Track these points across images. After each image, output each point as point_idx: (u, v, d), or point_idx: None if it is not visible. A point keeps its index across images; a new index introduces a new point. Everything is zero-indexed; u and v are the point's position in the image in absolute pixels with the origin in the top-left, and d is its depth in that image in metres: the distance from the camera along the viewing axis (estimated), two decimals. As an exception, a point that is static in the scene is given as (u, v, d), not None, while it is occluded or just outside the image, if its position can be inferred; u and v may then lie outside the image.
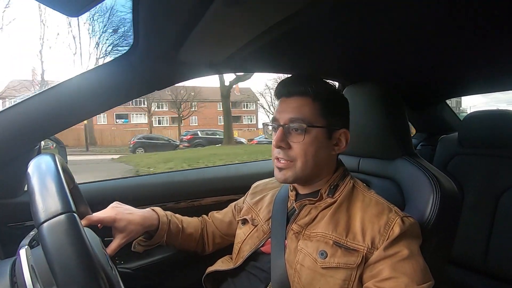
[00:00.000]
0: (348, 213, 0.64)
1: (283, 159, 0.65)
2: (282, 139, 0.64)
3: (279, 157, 0.66)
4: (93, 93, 0.75)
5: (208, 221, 0.89)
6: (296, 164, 0.64)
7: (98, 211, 0.70)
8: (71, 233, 0.37)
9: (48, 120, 0.73)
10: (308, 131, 0.63)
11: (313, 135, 0.64)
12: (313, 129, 0.64)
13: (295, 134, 0.64)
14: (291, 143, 0.64)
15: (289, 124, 0.64)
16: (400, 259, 0.56)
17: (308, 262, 0.61)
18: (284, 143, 0.64)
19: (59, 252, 0.35)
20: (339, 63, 1.00)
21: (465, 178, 1.27)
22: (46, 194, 0.40)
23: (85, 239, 0.38)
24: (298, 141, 0.63)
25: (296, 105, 0.65)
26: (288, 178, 0.66)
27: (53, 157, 0.49)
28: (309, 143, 0.63)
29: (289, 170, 0.65)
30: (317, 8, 0.57)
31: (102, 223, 0.68)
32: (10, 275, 0.43)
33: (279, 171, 0.67)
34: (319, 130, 0.64)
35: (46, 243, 0.36)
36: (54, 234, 0.36)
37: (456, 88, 1.43)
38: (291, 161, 0.65)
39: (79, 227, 0.38)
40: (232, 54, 0.74)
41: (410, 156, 0.78)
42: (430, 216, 0.67)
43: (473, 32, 0.70)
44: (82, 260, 0.36)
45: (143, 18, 0.59)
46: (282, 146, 0.64)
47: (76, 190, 0.62)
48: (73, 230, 0.37)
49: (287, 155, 0.65)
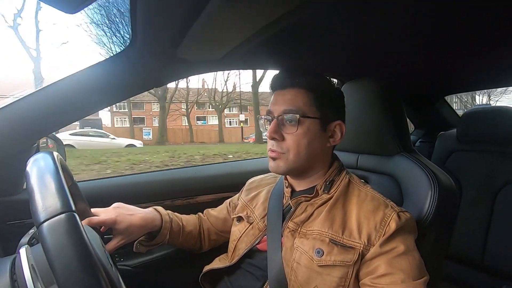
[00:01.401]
0: (344, 209, 0.64)
1: (276, 150, 0.66)
2: (275, 130, 0.65)
3: (273, 149, 0.66)
4: (91, 90, 0.74)
5: (203, 218, 0.89)
6: (289, 155, 0.65)
7: (99, 209, 0.70)
8: (71, 232, 0.37)
9: (47, 118, 0.73)
10: (301, 122, 0.63)
11: (307, 126, 0.64)
12: (306, 120, 0.64)
13: (288, 125, 0.64)
14: (285, 135, 0.65)
15: (283, 116, 0.64)
16: (396, 255, 0.56)
17: (305, 260, 0.61)
18: (277, 135, 0.65)
19: (59, 252, 0.35)
20: (338, 60, 1.00)
21: (463, 174, 1.28)
22: (46, 193, 0.40)
23: (85, 238, 0.38)
24: (291, 132, 0.64)
25: (289, 96, 0.65)
26: (281, 167, 0.66)
27: (52, 154, 0.49)
28: (303, 134, 0.64)
29: (281, 160, 0.66)
30: (315, 5, 0.56)
31: (103, 225, 0.69)
32: (10, 273, 0.43)
33: (272, 161, 0.67)
34: (313, 121, 0.64)
35: (46, 243, 0.36)
36: (54, 234, 0.36)
37: (454, 84, 1.43)
38: (284, 153, 0.65)
39: (79, 227, 0.38)
40: (231, 51, 0.73)
41: (408, 152, 0.78)
42: (428, 212, 0.67)
43: (472, 28, 0.70)
44: (82, 259, 0.36)
45: (141, 15, 0.58)
46: (275, 138, 0.65)
47: (74, 187, 0.62)
48: (73, 230, 0.37)
49: (280, 147, 0.65)
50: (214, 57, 0.78)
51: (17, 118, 0.70)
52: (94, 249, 0.38)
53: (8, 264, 0.45)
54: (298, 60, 0.97)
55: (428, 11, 0.63)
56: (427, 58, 0.95)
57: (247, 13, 0.55)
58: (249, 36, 0.65)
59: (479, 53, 0.89)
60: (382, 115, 0.78)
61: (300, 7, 0.55)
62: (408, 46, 0.83)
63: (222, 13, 0.54)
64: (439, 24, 0.69)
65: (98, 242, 0.56)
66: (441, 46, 0.82)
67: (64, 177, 0.45)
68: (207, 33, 0.63)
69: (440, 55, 0.92)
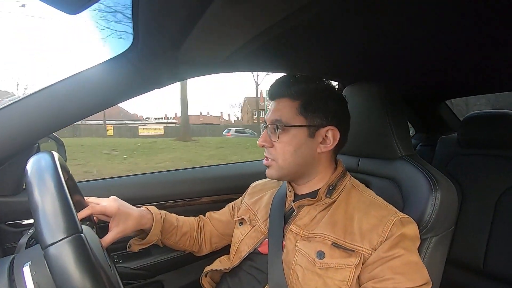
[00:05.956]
0: (346, 214, 0.64)
1: (267, 157, 0.69)
2: (265, 139, 0.69)
3: (265, 155, 0.70)
4: (92, 91, 0.74)
5: (205, 220, 0.89)
6: (278, 162, 0.68)
7: (100, 198, 0.72)
8: (79, 256, 0.36)
9: (47, 118, 0.73)
10: (286, 130, 0.66)
11: (292, 134, 0.66)
12: (291, 128, 0.66)
13: (275, 134, 0.67)
14: (274, 143, 0.67)
15: (271, 125, 0.68)
16: (398, 260, 0.56)
17: (306, 263, 0.61)
18: (267, 143, 0.68)
19: (67, 276, 0.35)
20: (339, 63, 1.00)
21: (465, 178, 1.27)
22: (51, 212, 0.38)
23: (93, 261, 0.37)
24: (278, 140, 0.66)
25: (278, 106, 0.68)
26: (273, 174, 0.69)
27: (52, 155, 0.49)
28: (287, 142, 0.66)
29: (272, 168, 0.69)
30: (318, 7, 0.56)
31: (105, 213, 0.69)
32: (8, 274, 0.43)
33: (267, 169, 0.70)
34: (298, 129, 0.66)
35: (53, 267, 0.35)
36: (61, 258, 0.35)
37: (456, 88, 1.43)
38: (273, 159, 0.68)
39: (87, 249, 0.37)
40: (232, 53, 0.74)
41: (409, 156, 0.78)
42: (429, 217, 0.67)
43: (474, 32, 0.70)
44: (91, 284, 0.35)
45: (143, 16, 0.58)
46: (265, 145, 0.69)
47: (71, 181, 0.61)
48: (80, 253, 0.36)
49: (270, 154, 0.69)
50: (216, 58, 0.78)
51: (17, 119, 0.70)
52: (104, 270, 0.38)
53: (7, 265, 0.45)
54: (299, 63, 0.97)
55: (430, 14, 0.63)
56: (428, 61, 0.95)
57: (249, 14, 0.55)
58: (251, 38, 0.65)
59: (481, 57, 0.89)
60: (383, 118, 0.78)
61: (303, 9, 0.55)
62: (410, 49, 0.83)
63: (225, 14, 0.54)
64: (441, 28, 0.69)
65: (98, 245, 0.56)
66: (442, 49, 0.82)
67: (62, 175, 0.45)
68: (209, 35, 0.63)
69: (441, 59, 0.92)
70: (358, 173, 0.87)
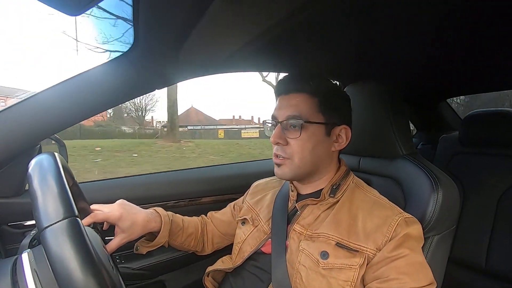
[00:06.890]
0: (350, 213, 0.63)
1: (281, 156, 0.65)
2: (279, 136, 0.64)
3: (278, 153, 0.66)
4: (93, 92, 0.75)
5: (207, 220, 0.89)
6: (293, 161, 0.65)
7: (103, 205, 0.70)
8: (74, 238, 0.37)
9: (49, 119, 0.73)
10: (305, 127, 0.63)
11: (311, 131, 0.64)
12: (310, 125, 0.63)
13: (292, 130, 0.64)
14: (289, 140, 0.64)
15: (287, 121, 0.64)
16: (403, 261, 0.56)
17: (310, 263, 0.61)
18: (281, 140, 0.64)
19: (62, 258, 0.35)
20: (340, 62, 1.00)
21: (466, 177, 1.27)
22: (48, 197, 0.40)
23: (88, 244, 0.37)
24: (295, 137, 0.63)
25: (294, 102, 0.65)
26: (286, 174, 0.66)
27: (54, 156, 0.49)
28: (306, 139, 0.63)
29: (286, 166, 0.65)
30: (317, 6, 0.56)
31: (108, 220, 0.68)
32: (11, 275, 0.43)
33: (278, 167, 0.67)
34: (317, 126, 0.64)
35: (49, 249, 0.36)
36: (57, 240, 0.36)
37: (457, 87, 1.43)
38: (288, 158, 0.65)
39: (82, 232, 0.38)
40: (233, 53, 0.74)
41: (410, 155, 0.78)
42: (430, 215, 0.67)
43: (475, 30, 0.70)
44: (85, 265, 0.36)
45: (143, 16, 0.59)
46: (279, 143, 0.65)
47: (75, 187, 0.62)
48: (75, 236, 0.37)
49: (285, 152, 0.65)
50: (217, 59, 0.78)
51: (19, 120, 0.70)
52: (97, 253, 0.38)
53: (10, 266, 0.45)
54: (300, 62, 0.97)
55: (430, 13, 0.62)
56: (429, 60, 0.95)
57: (249, 14, 0.55)
58: (252, 38, 0.65)
59: (481, 56, 0.89)
60: (384, 117, 0.78)
61: (301, 9, 0.55)
62: (411, 48, 0.83)
63: (225, 14, 0.54)
64: (442, 27, 0.69)
65: (100, 244, 0.56)
66: (444, 48, 0.82)
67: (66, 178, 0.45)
68: (210, 35, 0.63)
69: (442, 58, 0.92)
70: (360, 173, 0.86)
